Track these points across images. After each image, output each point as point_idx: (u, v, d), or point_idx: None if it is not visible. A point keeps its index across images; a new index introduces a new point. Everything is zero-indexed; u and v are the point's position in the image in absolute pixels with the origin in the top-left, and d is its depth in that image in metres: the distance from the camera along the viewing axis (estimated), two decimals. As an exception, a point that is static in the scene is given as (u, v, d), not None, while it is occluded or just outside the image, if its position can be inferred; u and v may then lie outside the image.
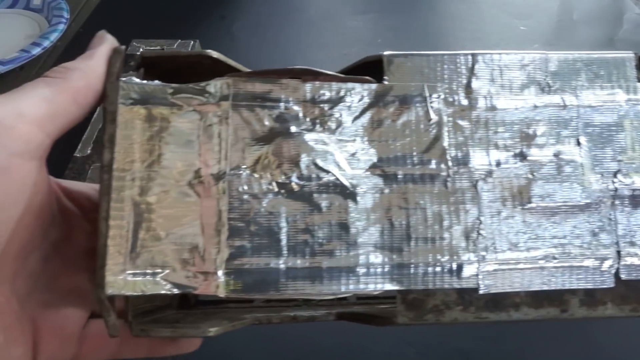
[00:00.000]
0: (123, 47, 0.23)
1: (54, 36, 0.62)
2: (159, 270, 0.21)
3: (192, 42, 0.56)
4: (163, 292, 0.21)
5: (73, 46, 0.64)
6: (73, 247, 0.23)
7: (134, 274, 0.21)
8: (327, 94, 0.23)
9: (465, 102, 0.23)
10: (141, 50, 0.23)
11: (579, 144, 0.23)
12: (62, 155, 0.45)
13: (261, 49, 0.51)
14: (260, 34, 0.54)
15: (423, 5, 0.74)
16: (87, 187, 0.25)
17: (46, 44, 0.61)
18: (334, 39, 0.65)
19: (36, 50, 0.59)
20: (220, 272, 0.21)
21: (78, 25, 0.68)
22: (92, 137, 0.46)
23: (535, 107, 0.24)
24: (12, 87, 0.20)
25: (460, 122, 0.23)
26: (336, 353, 0.35)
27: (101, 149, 0.21)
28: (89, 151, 0.45)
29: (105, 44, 0.22)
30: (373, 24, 0.61)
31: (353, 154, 0.23)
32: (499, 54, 0.24)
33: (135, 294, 0.21)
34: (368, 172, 0.23)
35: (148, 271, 0.21)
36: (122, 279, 0.21)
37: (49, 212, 0.22)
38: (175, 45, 0.56)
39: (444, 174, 0.23)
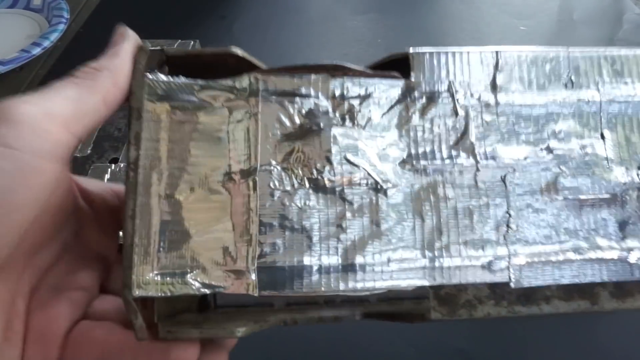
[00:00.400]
0: (148, 43, 0.22)
1: (54, 36, 0.62)
2: (188, 270, 0.20)
3: (192, 42, 0.56)
4: (192, 292, 0.20)
5: (73, 46, 0.63)
6: (82, 247, 0.23)
7: (162, 275, 0.20)
8: (356, 90, 0.23)
9: (491, 97, 0.24)
10: (164, 48, 0.23)
11: (603, 137, 0.24)
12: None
13: (261, 49, 0.51)
14: (260, 34, 0.54)
15: (423, 5, 0.74)
16: (105, 188, 0.24)
17: (46, 44, 0.60)
18: (334, 39, 0.65)
19: (36, 50, 0.59)
20: (252, 270, 0.21)
21: (78, 25, 0.67)
22: (92, 137, 0.46)
23: (559, 102, 0.24)
24: (12, 87, 0.20)
25: (487, 118, 0.23)
26: (336, 353, 0.35)
27: (127, 146, 0.21)
28: (88, 151, 0.45)
29: (129, 40, 0.22)
30: (373, 24, 0.61)
31: (383, 149, 0.23)
32: (524, 50, 0.24)
33: (163, 294, 0.20)
34: (398, 167, 0.23)
35: (177, 271, 0.20)
36: (150, 279, 0.20)
37: (65, 212, 0.21)
38: (176, 45, 0.56)
39: (472, 168, 0.23)
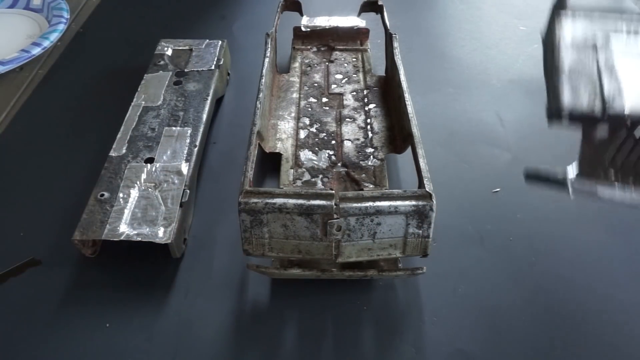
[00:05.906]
0: None
1: (54, 36, 0.62)
2: None
3: (219, 42, 0.57)
4: None
5: (73, 46, 0.63)
6: None
7: None
8: None
9: None
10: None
11: None
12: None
13: (260, 48, 0.51)
14: (259, 34, 0.54)
15: (423, 5, 0.74)
16: None
17: (46, 44, 0.60)
18: (333, 39, 0.64)
19: (36, 50, 0.59)
20: None
21: (78, 25, 0.67)
22: (126, 137, 0.45)
23: None
24: (12, 87, 0.20)
25: None
26: (336, 353, 0.35)
27: None
28: (123, 150, 0.44)
29: None
30: (373, 24, 0.61)
31: None
32: None
33: None
34: None
35: None
36: None
37: None
38: (204, 45, 0.57)
39: None
